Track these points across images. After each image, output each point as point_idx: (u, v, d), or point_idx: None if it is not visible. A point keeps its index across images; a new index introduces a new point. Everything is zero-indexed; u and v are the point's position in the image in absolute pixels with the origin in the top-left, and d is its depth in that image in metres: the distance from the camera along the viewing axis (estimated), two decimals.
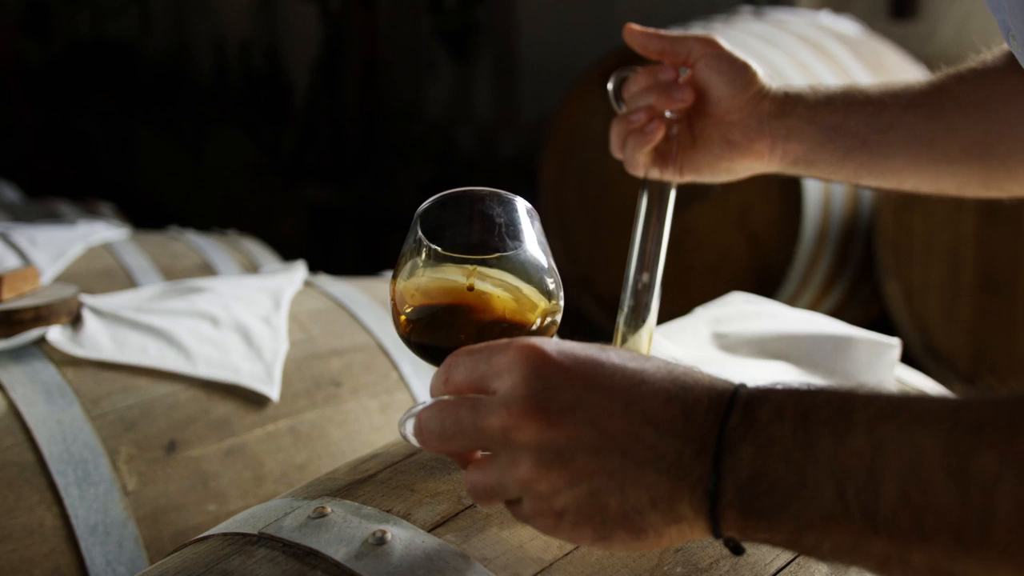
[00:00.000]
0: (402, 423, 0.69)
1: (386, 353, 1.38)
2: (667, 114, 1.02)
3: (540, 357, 0.60)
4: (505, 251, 0.72)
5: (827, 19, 2.97)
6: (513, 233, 0.73)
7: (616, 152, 1.04)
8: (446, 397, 0.65)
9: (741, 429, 0.56)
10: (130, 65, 6.26)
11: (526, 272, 0.72)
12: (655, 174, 1.02)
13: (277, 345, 1.32)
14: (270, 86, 5.34)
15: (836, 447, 0.53)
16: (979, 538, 0.49)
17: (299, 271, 1.61)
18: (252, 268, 2.15)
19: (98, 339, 1.27)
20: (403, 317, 0.74)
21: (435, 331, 0.73)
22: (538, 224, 0.75)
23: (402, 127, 4.63)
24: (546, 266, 0.73)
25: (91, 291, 1.72)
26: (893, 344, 1.08)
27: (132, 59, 6.25)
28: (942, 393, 0.54)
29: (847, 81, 2.62)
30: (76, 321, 1.30)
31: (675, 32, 1.03)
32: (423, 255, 0.73)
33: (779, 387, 0.58)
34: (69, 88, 6.68)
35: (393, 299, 0.74)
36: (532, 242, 0.74)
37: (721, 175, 1.06)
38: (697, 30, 2.66)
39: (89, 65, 6.58)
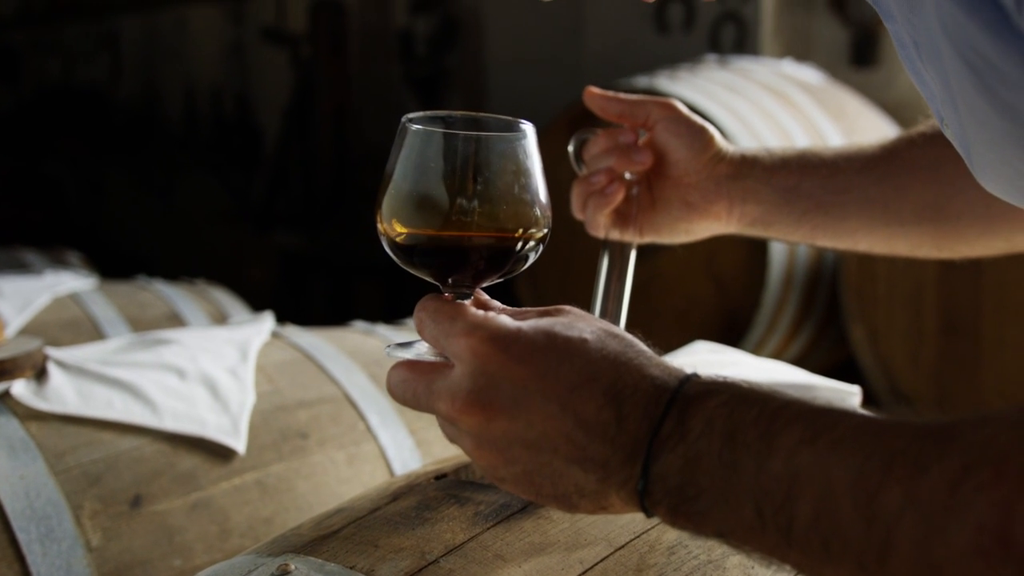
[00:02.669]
0: (391, 348, 0.73)
1: (353, 404, 1.38)
2: (627, 176, 1.04)
3: (487, 354, 0.64)
4: (503, 133, 0.70)
5: (790, 67, 3.02)
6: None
7: (577, 213, 1.06)
8: (423, 351, 0.70)
9: (671, 441, 0.60)
10: (100, 110, 6.26)
11: (516, 181, 0.70)
12: (616, 235, 1.04)
13: (244, 397, 1.32)
14: (240, 132, 5.35)
15: (757, 470, 0.56)
16: (878, 567, 0.52)
17: (267, 322, 1.61)
18: (220, 318, 2.14)
19: (63, 393, 1.26)
20: (384, 225, 0.71)
21: (413, 254, 0.71)
22: (536, 149, 0.72)
23: (372, 173, 4.65)
24: (538, 181, 0.72)
25: (57, 342, 1.71)
26: (853, 391, 1.10)
27: (102, 104, 6.25)
28: (865, 416, 0.56)
29: (810, 127, 2.67)
30: (41, 374, 1.30)
31: (634, 96, 1.06)
32: (409, 148, 0.69)
33: (717, 392, 0.61)
34: (38, 133, 6.66)
35: (379, 209, 0.71)
36: (529, 148, 0.71)
37: (680, 236, 1.08)
38: (663, 78, 2.71)
39: (59, 110, 6.57)
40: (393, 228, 0.71)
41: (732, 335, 2.53)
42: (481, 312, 0.67)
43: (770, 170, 1.03)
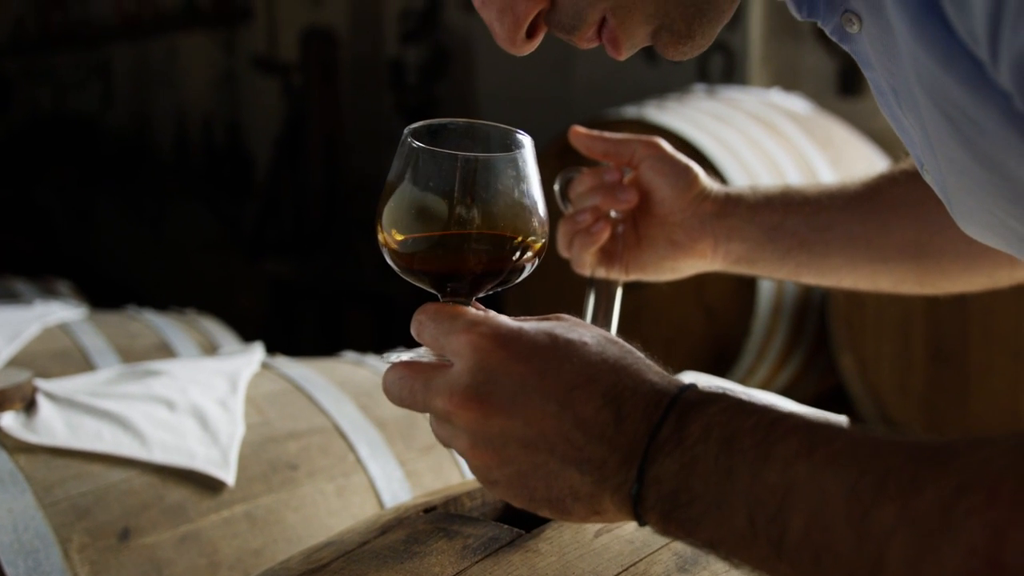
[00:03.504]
0: (388, 354, 0.73)
1: (343, 435, 1.38)
2: (612, 214, 1.05)
3: (487, 349, 0.64)
4: (502, 154, 0.72)
5: (777, 97, 3.05)
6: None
7: (563, 251, 1.07)
8: (421, 353, 0.70)
9: (669, 445, 0.60)
10: (91, 139, 6.27)
11: (513, 195, 0.72)
12: (601, 273, 1.04)
13: (233, 429, 1.32)
14: (232, 160, 5.36)
15: (752, 479, 0.57)
16: None
17: (256, 353, 1.61)
18: (211, 348, 2.14)
19: (52, 425, 1.26)
20: (384, 234, 0.73)
21: (413, 261, 0.72)
22: (533, 159, 0.74)
23: (363, 201, 4.67)
24: (536, 195, 0.73)
25: (47, 373, 1.71)
26: (841, 421, 1.11)
27: (93, 133, 6.26)
28: (862, 431, 0.56)
29: (798, 156, 2.69)
30: (30, 406, 1.30)
31: (619, 135, 1.07)
32: (410, 163, 0.71)
33: (715, 400, 0.61)
34: (29, 162, 6.66)
35: (379, 221, 0.73)
36: (527, 163, 0.73)
37: (666, 274, 1.09)
38: (651, 108, 2.73)
39: (49, 139, 6.57)
40: (393, 237, 0.72)
41: (722, 364, 2.53)
42: (482, 312, 0.68)
43: (754, 208, 1.04)
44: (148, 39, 5.78)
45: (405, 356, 0.71)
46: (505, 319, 0.67)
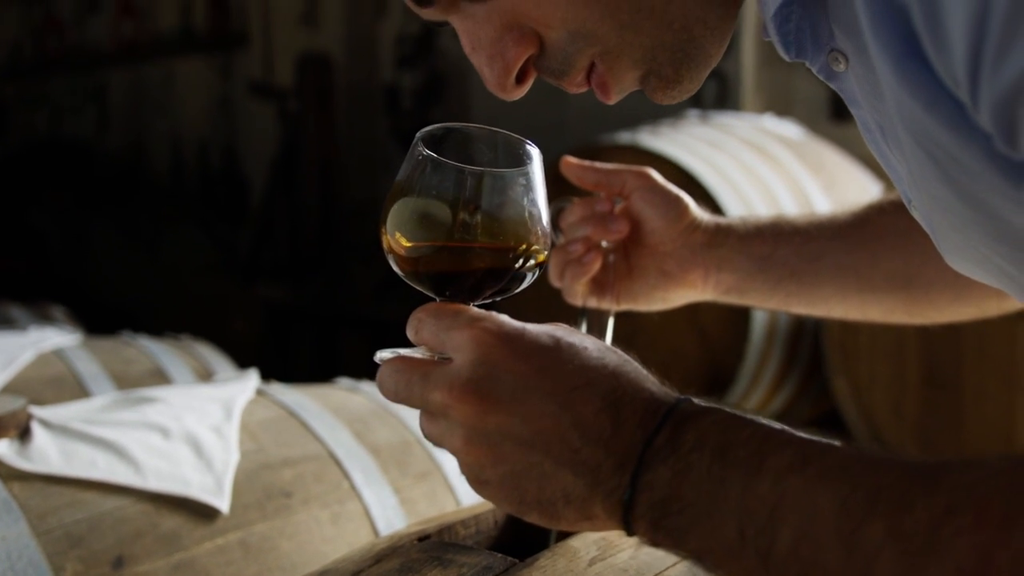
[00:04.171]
0: (381, 352, 0.73)
1: (338, 463, 1.38)
2: (603, 244, 1.05)
3: (490, 344, 0.64)
4: (504, 169, 0.73)
5: (770, 122, 3.06)
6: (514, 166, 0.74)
7: (555, 281, 1.07)
8: (411, 352, 0.70)
9: (664, 452, 0.60)
10: (87, 163, 6.28)
11: (518, 208, 0.72)
12: (593, 303, 1.05)
13: (228, 456, 1.32)
14: (227, 185, 5.38)
15: (744, 490, 0.57)
16: None
17: (251, 379, 1.61)
18: (205, 374, 2.14)
19: (47, 452, 1.26)
20: (387, 236, 0.73)
21: (416, 264, 0.73)
22: (540, 172, 0.75)
23: (358, 225, 4.68)
24: (542, 207, 0.74)
25: (41, 399, 1.71)
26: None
27: (89, 157, 6.27)
28: (855, 448, 0.57)
29: (790, 181, 2.70)
30: (25, 434, 1.30)
31: (609, 165, 1.07)
32: (418, 170, 0.72)
33: (711, 412, 0.61)
34: (24, 186, 6.67)
35: (384, 223, 0.73)
36: (534, 176, 0.74)
37: (657, 304, 1.09)
38: (645, 134, 2.74)
39: (45, 163, 6.59)
40: (397, 242, 0.73)
41: (716, 388, 2.54)
42: (484, 311, 0.69)
43: (744, 238, 1.05)
44: (144, 64, 5.80)
45: (403, 352, 0.71)
46: (507, 318, 0.67)
